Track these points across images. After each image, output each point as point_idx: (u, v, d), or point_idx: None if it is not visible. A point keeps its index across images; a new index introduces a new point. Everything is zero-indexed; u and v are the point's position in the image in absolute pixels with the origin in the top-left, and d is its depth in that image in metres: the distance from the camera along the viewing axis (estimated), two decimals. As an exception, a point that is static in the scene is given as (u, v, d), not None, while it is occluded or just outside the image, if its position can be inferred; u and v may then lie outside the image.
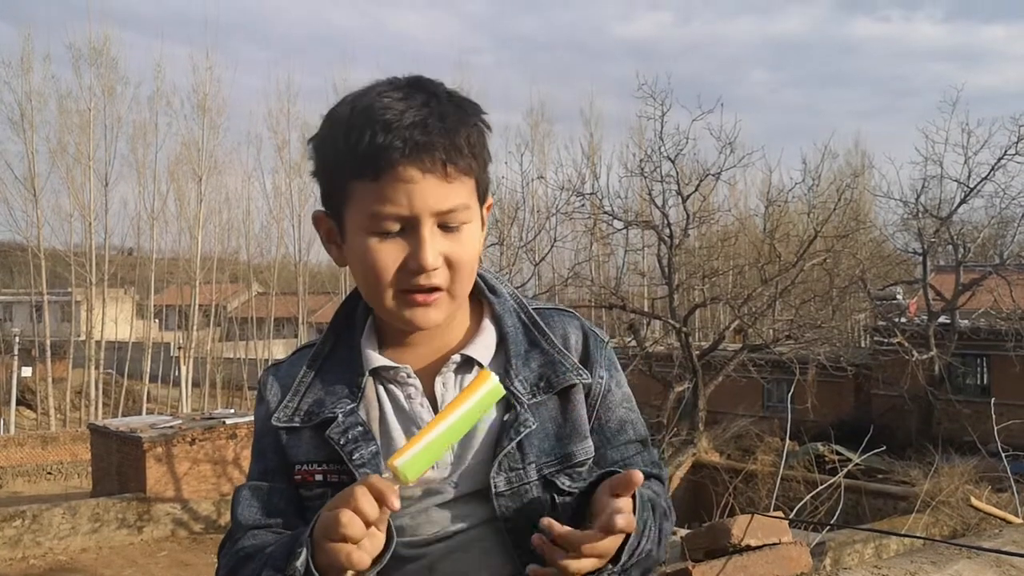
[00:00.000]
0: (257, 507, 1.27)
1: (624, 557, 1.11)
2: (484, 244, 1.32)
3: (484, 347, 1.28)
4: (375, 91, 1.19)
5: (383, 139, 1.13)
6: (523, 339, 1.29)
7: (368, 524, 1.03)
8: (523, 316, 1.32)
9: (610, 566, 1.11)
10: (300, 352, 1.37)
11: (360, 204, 1.18)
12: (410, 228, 1.17)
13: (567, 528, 1.10)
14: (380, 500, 1.03)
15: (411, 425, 1.24)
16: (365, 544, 1.04)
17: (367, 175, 1.15)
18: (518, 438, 1.21)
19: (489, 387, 1.12)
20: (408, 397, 1.25)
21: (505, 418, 1.22)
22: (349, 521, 1.02)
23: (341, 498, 1.05)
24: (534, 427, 1.22)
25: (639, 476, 1.09)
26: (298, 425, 1.27)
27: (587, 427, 1.27)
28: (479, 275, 1.33)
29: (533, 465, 1.21)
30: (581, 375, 1.26)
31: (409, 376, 1.26)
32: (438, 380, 1.26)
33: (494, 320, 1.31)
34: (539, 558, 1.16)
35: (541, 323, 1.31)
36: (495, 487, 1.20)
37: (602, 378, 1.29)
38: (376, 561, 1.08)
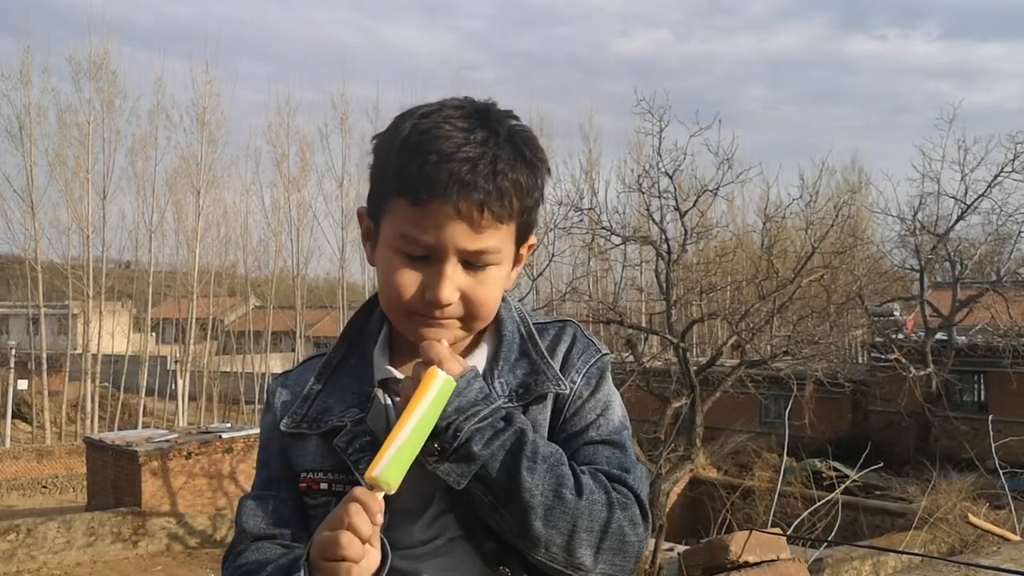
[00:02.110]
0: (261, 517, 1.27)
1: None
2: (515, 278, 1.33)
3: (481, 355, 1.30)
4: (442, 113, 1.20)
5: (430, 169, 1.15)
6: (516, 348, 1.30)
7: (364, 541, 1.05)
8: (522, 327, 1.33)
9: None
10: (309, 361, 1.38)
11: (395, 221, 1.20)
12: (435, 258, 1.19)
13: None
14: (369, 515, 1.05)
15: None
16: (363, 563, 1.05)
17: (407, 197, 1.17)
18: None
19: (440, 383, 1.14)
20: None
21: None
22: (348, 542, 1.03)
23: (335, 518, 1.06)
24: None
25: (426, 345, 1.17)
26: (305, 431, 1.27)
27: (544, 431, 1.26)
28: None
29: None
30: (560, 385, 1.26)
31: None
32: None
33: (496, 324, 1.32)
34: (502, 558, 1.19)
35: (536, 336, 1.32)
36: (447, 484, 1.20)
37: (574, 382, 1.28)
38: None
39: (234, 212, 36.26)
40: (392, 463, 1.09)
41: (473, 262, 1.20)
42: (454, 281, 1.19)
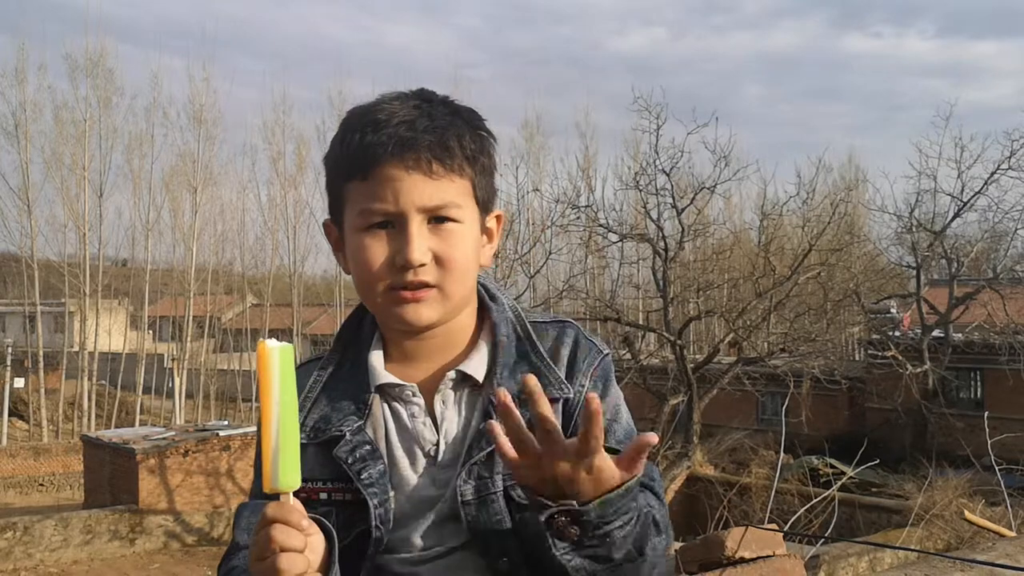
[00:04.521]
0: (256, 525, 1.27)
1: (592, 507, 1.00)
2: (491, 255, 1.32)
3: (479, 361, 1.26)
4: (378, 99, 1.23)
5: (371, 138, 1.17)
6: (514, 350, 1.27)
7: (300, 551, 1.04)
8: (518, 328, 1.30)
9: (573, 504, 1.02)
10: (306, 366, 1.35)
11: (354, 204, 1.21)
12: (399, 225, 1.18)
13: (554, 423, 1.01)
14: (294, 527, 1.04)
15: (413, 444, 1.23)
16: (311, 559, 1.05)
17: (357, 175, 1.19)
18: (489, 448, 1.19)
19: (277, 356, 1.08)
20: (411, 416, 1.25)
21: (481, 427, 1.20)
22: (289, 567, 1.02)
23: (262, 545, 1.04)
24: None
25: (595, 401, 0.98)
26: (304, 442, 1.23)
27: None
28: (482, 284, 1.33)
29: (499, 475, 1.20)
30: (563, 390, 1.24)
31: (414, 395, 1.25)
32: (437, 398, 1.25)
33: (490, 329, 1.29)
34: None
35: (534, 335, 1.29)
36: (461, 495, 1.19)
37: (583, 387, 1.26)
38: (328, 563, 1.09)
39: (231, 210, 36.28)
40: (282, 466, 1.06)
41: (436, 221, 1.19)
42: (423, 240, 1.18)
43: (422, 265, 1.18)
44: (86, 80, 29.56)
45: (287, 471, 1.06)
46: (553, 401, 1.21)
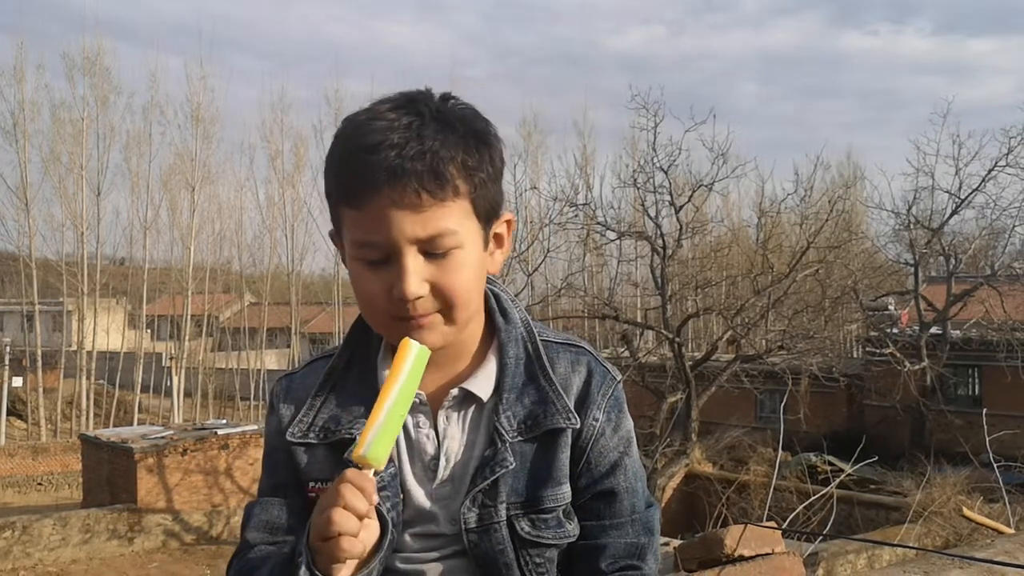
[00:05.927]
0: (266, 524, 1.26)
1: None
2: (502, 261, 1.27)
3: (485, 379, 1.25)
4: (369, 111, 1.16)
5: (359, 167, 1.12)
6: (523, 372, 1.26)
7: (360, 517, 1.04)
8: (529, 346, 1.28)
9: None
10: (313, 364, 1.34)
11: (349, 231, 1.17)
12: (393, 255, 1.14)
13: None
14: (364, 495, 1.05)
15: (415, 456, 1.24)
16: (361, 535, 1.05)
17: (349, 204, 1.15)
18: (493, 476, 1.19)
19: (415, 352, 1.13)
20: (416, 426, 1.25)
21: (486, 453, 1.21)
22: (342, 519, 1.03)
23: (327, 500, 1.05)
24: (512, 466, 1.20)
25: None
26: (313, 442, 1.25)
27: (565, 473, 1.24)
28: (496, 295, 1.31)
29: (504, 504, 1.20)
30: (570, 419, 1.22)
31: (421, 403, 1.24)
32: (440, 415, 1.24)
33: (499, 348, 1.28)
34: None
35: (544, 357, 1.27)
36: (465, 522, 1.20)
37: (596, 420, 1.25)
38: (376, 550, 1.11)
39: (229, 208, 36.34)
40: (378, 440, 1.09)
41: (432, 250, 1.14)
42: (418, 273, 1.14)
43: (419, 298, 1.14)
44: (84, 79, 29.64)
45: (379, 447, 1.09)
46: (558, 431, 1.22)
